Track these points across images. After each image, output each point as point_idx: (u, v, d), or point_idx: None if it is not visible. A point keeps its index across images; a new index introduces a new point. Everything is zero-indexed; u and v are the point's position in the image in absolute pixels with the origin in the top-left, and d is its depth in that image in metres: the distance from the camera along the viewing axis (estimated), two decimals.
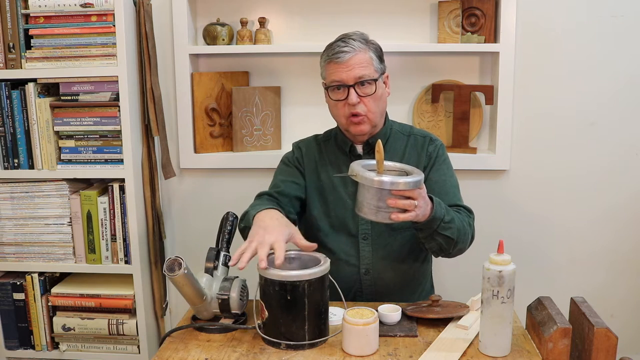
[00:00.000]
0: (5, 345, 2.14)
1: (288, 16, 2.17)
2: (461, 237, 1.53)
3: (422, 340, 1.39)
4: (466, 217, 1.59)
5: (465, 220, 1.57)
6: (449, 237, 1.49)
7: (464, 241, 1.56)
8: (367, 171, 1.37)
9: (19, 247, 2.07)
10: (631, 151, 2.15)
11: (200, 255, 1.58)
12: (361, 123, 1.60)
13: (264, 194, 1.68)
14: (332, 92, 1.61)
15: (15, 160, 2.02)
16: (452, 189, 1.66)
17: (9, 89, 1.98)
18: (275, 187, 1.70)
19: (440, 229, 1.47)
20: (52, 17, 1.94)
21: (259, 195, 1.69)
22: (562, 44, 2.09)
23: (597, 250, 2.21)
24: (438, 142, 1.72)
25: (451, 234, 1.49)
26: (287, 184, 1.70)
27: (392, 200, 1.33)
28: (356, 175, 1.36)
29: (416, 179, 1.35)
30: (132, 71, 2.01)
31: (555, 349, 1.28)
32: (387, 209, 1.35)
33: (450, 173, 1.69)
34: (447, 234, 1.49)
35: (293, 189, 1.70)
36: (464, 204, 1.64)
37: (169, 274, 1.35)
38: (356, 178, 1.36)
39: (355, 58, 1.56)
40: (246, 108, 2.19)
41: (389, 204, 1.33)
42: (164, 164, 2.16)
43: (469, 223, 1.58)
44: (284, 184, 1.70)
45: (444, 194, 1.61)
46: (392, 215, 1.34)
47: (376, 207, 1.35)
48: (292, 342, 1.33)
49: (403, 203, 1.34)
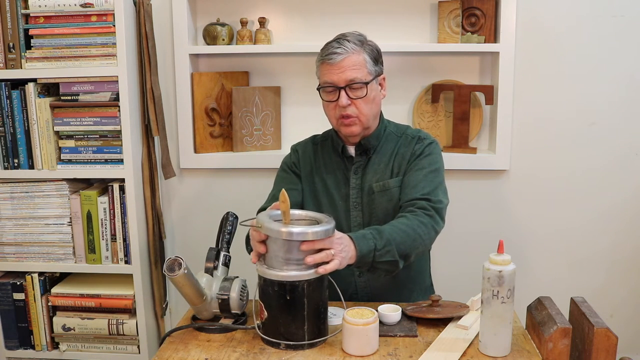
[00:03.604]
0: (5, 345, 2.14)
1: (288, 16, 2.17)
2: (415, 246, 1.47)
3: (422, 340, 1.39)
4: (421, 217, 1.51)
5: (413, 226, 1.48)
6: (391, 260, 1.43)
7: (420, 246, 1.49)
8: (273, 222, 1.32)
9: (19, 247, 2.07)
10: (631, 151, 2.15)
11: (200, 255, 1.58)
12: (351, 124, 1.60)
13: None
14: (324, 93, 1.61)
15: (15, 160, 2.02)
16: (422, 181, 1.58)
17: (9, 89, 1.98)
18: (274, 200, 1.70)
19: (377, 259, 1.42)
20: (52, 17, 1.94)
21: (260, 211, 1.70)
22: (562, 44, 2.09)
23: (597, 250, 2.21)
24: (427, 140, 1.67)
25: (392, 257, 1.43)
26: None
27: (309, 257, 1.30)
28: (261, 227, 1.31)
29: (325, 227, 1.31)
30: (132, 71, 2.01)
31: (555, 349, 1.28)
32: (297, 260, 1.31)
33: (431, 167, 1.62)
34: (388, 259, 1.43)
35: (292, 197, 1.69)
36: (431, 196, 1.55)
37: (169, 274, 1.35)
38: (262, 230, 1.32)
39: (347, 60, 1.55)
40: (246, 108, 2.19)
41: (307, 262, 1.30)
42: (164, 164, 2.16)
43: (422, 223, 1.50)
44: None
45: (412, 187, 1.58)
46: (320, 269, 1.30)
47: (284, 259, 1.31)
48: (291, 342, 1.33)
49: (320, 257, 1.30)
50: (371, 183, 1.65)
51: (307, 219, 1.41)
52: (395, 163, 1.66)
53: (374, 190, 1.64)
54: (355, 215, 1.67)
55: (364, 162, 1.68)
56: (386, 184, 1.64)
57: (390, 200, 1.63)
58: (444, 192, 1.62)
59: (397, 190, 1.63)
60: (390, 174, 1.65)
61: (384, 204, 1.64)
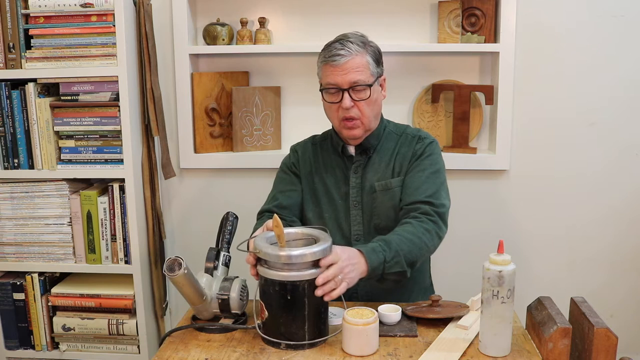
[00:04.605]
0: (5, 345, 2.14)
1: (288, 16, 2.17)
2: (421, 254, 1.50)
3: (422, 340, 1.39)
4: (425, 223, 1.52)
5: (418, 234, 1.50)
6: (400, 270, 1.45)
7: (425, 253, 1.53)
8: (270, 246, 1.33)
9: (19, 247, 2.07)
10: (631, 151, 2.15)
11: (200, 255, 1.58)
12: (354, 128, 1.61)
13: (265, 212, 1.71)
14: (326, 95, 1.61)
15: (15, 160, 2.02)
16: (425, 184, 1.59)
17: (9, 89, 1.98)
18: (274, 201, 1.72)
19: (387, 270, 1.43)
20: (52, 17, 1.94)
21: (260, 214, 1.73)
22: (562, 44, 2.09)
23: (597, 250, 2.21)
24: (427, 140, 1.68)
25: (401, 267, 1.45)
26: (285, 194, 1.72)
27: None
28: (259, 252, 1.32)
29: (323, 246, 1.32)
30: (132, 71, 2.01)
31: (555, 349, 1.28)
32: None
33: (432, 168, 1.63)
34: (397, 270, 1.44)
35: (292, 198, 1.72)
36: (433, 199, 1.57)
37: (169, 274, 1.35)
38: (260, 255, 1.32)
39: (351, 62, 1.55)
40: (246, 108, 2.19)
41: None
42: (164, 164, 2.16)
43: (426, 230, 1.51)
44: (282, 195, 1.72)
45: (414, 189, 1.59)
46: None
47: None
48: (292, 342, 1.33)
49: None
50: (372, 182, 1.66)
51: (303, 237, 1.42)
52: (397, 162, 1.66)
53: (376, 189, 1.65)
54: (355, 214, 1.67)
55: (364, 161, 1.68)
56: (388, 183, 1.64)
57: (391, 199, 1.64)
58: (446, 193, 1.63)
59: (398, 189, 1.64)
60: (392, 174, 1.66)
61: (386, 203, 1.64)
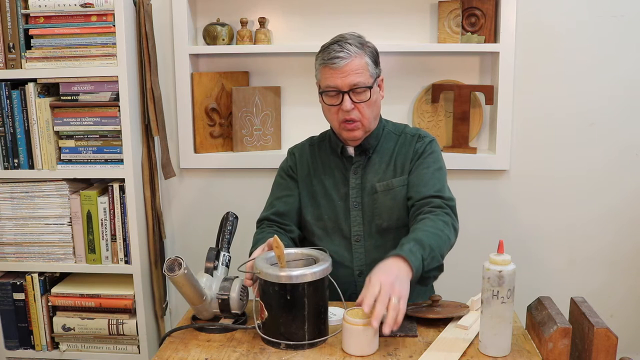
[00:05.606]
0: (5, 345, 2.14)
1: (288, 16, 2.17)
2: (446, 246, 1.51)
3: (422, 340, 1.39)
4: (442, 216, 1.53)
5: (440, 227, 1.50)
6: (437, 265, 1.47)
7: (449, 246, 1.53)
8: (270, 267, 1.33)
9: (19, 247, 2.07)
10: (631, 151, 2.15)
11: (200, 255, 1.58)
12: (354, 129, 1.61)
13: (264, 221, 1.71)
14: (326, 97, 1.60)
15: (15, 160, 2.02)
16: (431, 179, 1.61)
17: (9, 89, 1.98)
18: (271, 208, 1.72)
19: (426, 268, 1.43)
20: (52, 17, 1.94)
21: (259, 222, 1.73)
22: (562, 44, 2.09)
23: (597, 250, 2.21)
24: (427, 138, 1.68)
25: (438, 262, 1.46)
26: (281, 200, 1.72)
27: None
28: (260, 273, 1.33)
29: (322, 267, 1.33)
30: (132, 71, 2.01)
31: (555, 349, 1.28)
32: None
33: (436, 165, 1.64)
34: (435, 265, 1.46)
35: (289, 204, 1.72)
36: (442, 194, 1.58)
37: (169, 274, 1.35)
38: (261, 276, 1.33)
39: (351, 64, 1.54)
40: (246, 108, 2.19)
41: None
42: (164, 164, 2.16)
43: (445, 223, 1.52)
44: (279, 201, 1.72)
45: (423, 185, 1.60)
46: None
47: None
48: (291, 342, 1.33)
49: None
50: (373, 182, 1.65)
51: (303, 258, 1.43)
52: (398, 162, 1.66)
53: (377, 189, 1.65)
54: (355, 214, 1.67)
55: (364, 161, 1.68)
56: (390, 183, 1.65)
57: (393, 199, 1.64)
58: (449, 190, 1.65)
59: (400, 189, 1.64)
60: (394, 174, 1.65)
61: (388, 203, 1.64)
